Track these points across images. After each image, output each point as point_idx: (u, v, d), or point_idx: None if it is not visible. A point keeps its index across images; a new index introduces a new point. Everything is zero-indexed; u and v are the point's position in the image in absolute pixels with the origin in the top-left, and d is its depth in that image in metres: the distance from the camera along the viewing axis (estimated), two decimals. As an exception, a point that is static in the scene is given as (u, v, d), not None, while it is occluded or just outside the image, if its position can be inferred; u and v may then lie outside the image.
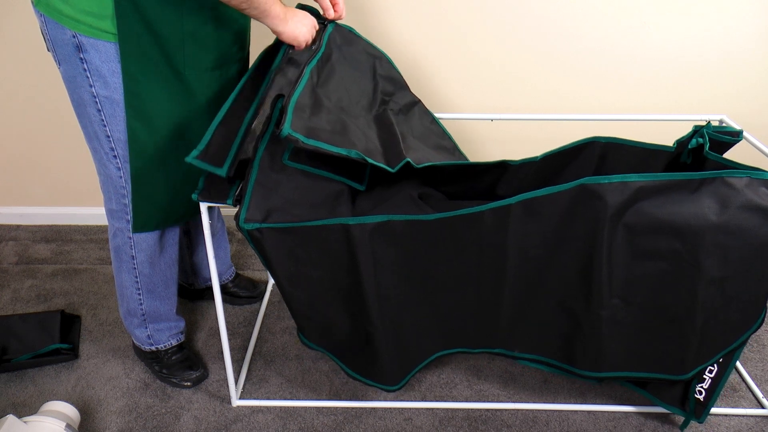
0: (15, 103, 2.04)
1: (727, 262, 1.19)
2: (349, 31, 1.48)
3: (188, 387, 1.57)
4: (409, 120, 1.51)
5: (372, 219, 1.18)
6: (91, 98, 1.23)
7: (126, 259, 1.45)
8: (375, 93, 1.48)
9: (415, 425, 1.47)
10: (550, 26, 1.83)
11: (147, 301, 1.51)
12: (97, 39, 1.17)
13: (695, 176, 1.16)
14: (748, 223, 1.16)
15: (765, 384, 1.57)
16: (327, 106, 1.30)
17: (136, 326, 1.55)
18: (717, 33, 1.82)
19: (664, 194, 1.17)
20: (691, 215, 1.16)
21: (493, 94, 1.95)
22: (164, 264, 1.50)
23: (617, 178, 1.15)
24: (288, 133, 1.13)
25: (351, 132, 1.27)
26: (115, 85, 1.21)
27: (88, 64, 1.19)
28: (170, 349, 1.59)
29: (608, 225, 1.18)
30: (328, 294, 1.30)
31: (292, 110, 1.17)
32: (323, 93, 1.32)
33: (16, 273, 2.00)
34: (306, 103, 1.23)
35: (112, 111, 1.24)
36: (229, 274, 1.85)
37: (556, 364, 1.40)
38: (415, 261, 1.25)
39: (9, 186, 2.22)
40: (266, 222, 1.19)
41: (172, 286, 1.55)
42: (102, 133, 1.27)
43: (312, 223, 1.19)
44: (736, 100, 1.92)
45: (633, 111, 1.95)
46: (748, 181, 1.17)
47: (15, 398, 1.55)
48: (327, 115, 1.27)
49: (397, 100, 1.52)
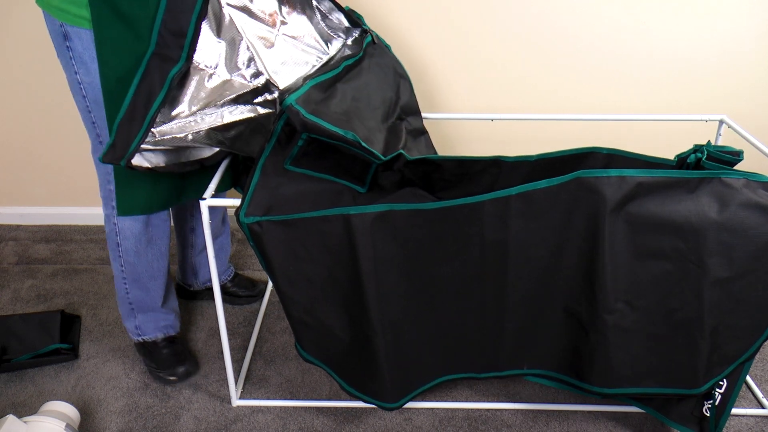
0: (15, 103, 2.05)
1: (730, 262, 1.19)
2: (384, 46, 1.53)
3: (174, 382, 1.57)
4: (417, 144, 1.54)
5: (373, 208, 1.18)
6: (77, 85, 1.29)
7: (113, 246, 1.48)
8: (395, 107, 1.50)
9: (415, 425, 1.47)
10: (550, 26, 1.83)
11: (133, 290, 1.53)
12: (79, 27, 1.22)
13: (693, 174, 1.16)
14: (750, 221, 1.16)
15: (765, 384, 1.57)
16: (340, 99, 1.31)
17: (126, 315, 1.57)
18: (717, 33, 1.82)
19: (663, 192, 1.17)
20: (692, 213, 1.16)
21: (493, 94, 1.95)
22: (151, 255, 1.51)
23: (615, 172, 1.15)
24: (291, 103, 1.13)
25: (355, 124, 1.27)
26: (95, 72, 1.25)
27: (72, 51, 1.25)
28: (159, 342, 1.59)
29: (608, 221, 1.17)
30: (327, 295, 1.29)
31: (307, 88, 1.19)
32: (343, 89, 1.32)
33: (16, 273, 2.00)
34: (320, 91, 1.25)
35: (95, 97, 1.28)
36: (227, 274, 1.85)
37: (565, 379, 1.38)
38: (416, 257, 1.25)
39: (9, 186, 2.22)
40: (267, 215, 1.20)
41: (159, 278, 1.55)
42: (88, 119, 1.32)
43: (312, 214, 1.19)
44: (736, 100, 1.92)
45: (633, 111, 1.95)
46: (746, 182, 1.17)
47: (15, 398, 1.55)
48: (336, 106, 1.27)
49: (410, 121, 1.55)
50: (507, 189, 1.19)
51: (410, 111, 1.56)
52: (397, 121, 1.50)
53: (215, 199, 1.27)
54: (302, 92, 1.21)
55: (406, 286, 1.27)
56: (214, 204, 1.27)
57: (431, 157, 1.27)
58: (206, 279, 1.82)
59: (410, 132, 1.53)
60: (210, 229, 1.29)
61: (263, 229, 1.20)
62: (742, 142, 1.95)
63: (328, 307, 1.30)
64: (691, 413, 1.36)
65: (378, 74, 1.48)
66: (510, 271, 1.26)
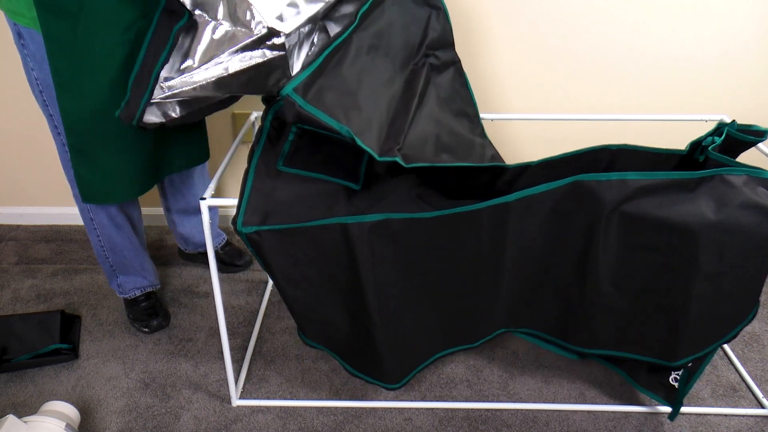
0: (15, 103, 2.04)
1: (723, 259, 1.20)
2: None
3: (146, 333, 1.74)
4: (441, 79, 1.51)
5: (370, 218, 1.18)
6: (34, 81, 1.38)
7: (87, 221, 1.61)
8: (420, 46, 1.48)
9: (415, 425, 1.47)
10: (550, 26, 1.83)
11: (111, 256, 1.67)
12: (30, 29, 1.31)
13: (693, 175, 1.16)
14: (746, 221, 1.16)
15: (765, 384, 1.57)
16: (349, 66, 1.28)
17: (109, 276, 1.73)
18: (717, 33, 1.82)
19: (662, 193, 1.17)
20: (689, 214, 1.16)
21: (495, 94, 1.95)
22: (124, 235, 1.64)
23: (615, 175, 1.15)
24: (287, 94, 1.14)
25: (358, 106, 1.25)
26: (48, 69, 1.34)
27: (27, 50, 1.34)
28: (138, 298, 1.76)
29: (604, 222, 1.18)
30: (327, 294, 1.30)
31: (306, 74, 1.20)
32: (358, 43, 1.31)
33: (16, 273, 2.00)
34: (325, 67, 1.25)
35: (49, 92, 1.38)
36: (219, 241, 1.99)
37: (549, 338, 1.42)
38: (413, 258, 1.26)
39: (9, 186, 2.22)
40: (264, 225, 1.20)
41: (135, 249, 1.68)
42: (46, 112, 1.43)
43: (310, 224, 1.20)
44: (736, 100, 1.92)
45: (633, 111, 1.95)
46: (747, 179, 1.17)
47: (15, 398, 1.55)
48: (341, 84, 1.26)
49: (439, 55, 1.52)
50: (505, 195, 1.19)
51: (440, 44, 1.52)
52: (421, 62, 1.47)
53: (215, 200, 1.27)
54: (300, 80, 1.20)
55: (403, 283, 1.29)
56: (214, 204, 1.27)
57: (427, 166, 1.27)
58: (197, 245, 1.94)
59: (436, 68, 1.51)
60: (210, 228, 1.29)
61: (262, 238, 1.21)
62: (742, 142, 1.95)
63: (328, 304, 1.32)
64: (659, 381, 1.42)
65: (404, 9, 1.44)
66: (506, 261, 1.28)
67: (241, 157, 2.11)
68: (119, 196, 1.51)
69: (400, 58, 1.42)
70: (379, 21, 1.36)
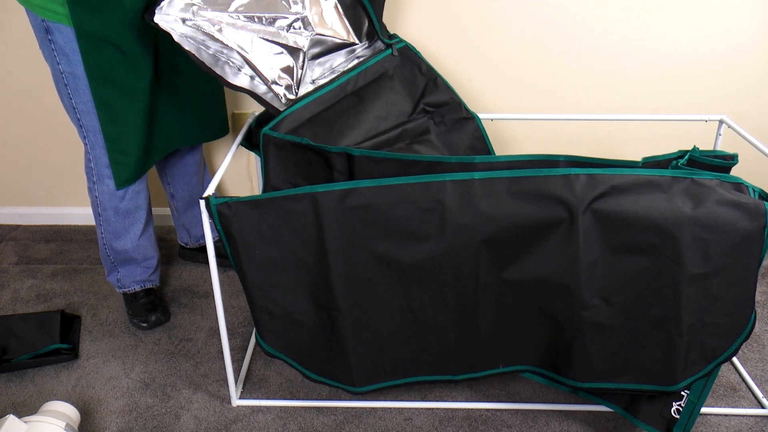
0: (15, 103, 2.05)
1: (707, 257, 1.19)
2: (408, 50, 1.62)
3: (145, 328, 1.74)
4: (453, 133, 1.59)
5: (340, 186, 1.20)
6: (59, 74, 1.44)
7: (95, 214, 1.65)
8: (413, 111, 1.57)
9: (415, 425, 1.47)
10: (549, 26, 1.83)
11: (113, 249, 1.69)
12: (59, 23, 1.36)
13: (666, 173, 1.17)
14: (726, 217, 1.16)
15: (765, 384, 1.57)
16: (327, 119, 1.42)
17: (109, 271, 1.75)
18: (717, 32, 1.82)
19: (636, 191, 1.17)
20: (667, 209, 1.16)
21: (494, 94, 1.96)
22: (128, 223, 1.65)
23: (584, 170, 1.17)
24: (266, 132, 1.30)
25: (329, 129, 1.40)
26: (76, 62, 1.40)
27: (54, 44, 1.40)
28: (138, 293, 1.76)
29: (581, 219, 1.17)
30: (291, 279, 1.29)
31: (281, 117, 1.37)
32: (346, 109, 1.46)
33: (16, 273, 2.00)
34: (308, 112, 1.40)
35: (75, 85, 1.44)
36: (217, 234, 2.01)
37: (542, 372, 1.39)
38: (383, 236, 1.23)
39: (9, 186, 2.22)
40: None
41: (139, 239, 1.70)
42: (69, 104, 1.48)
43: (281, 193, 1.22)
44: (736, 100, 1.92)
45: (633, 111, 1.95)
46: (719, 183, 1.17)
47: (15, 398, 1.55)
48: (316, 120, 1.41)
49: (444, 114, 1.59)
50: (470, 172, 1.19)
51: (441, 104, 1.59)
52: (419, 116, 1.55)
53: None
54: (275, 121, 1.37)
55: (374, 267, 1.27)
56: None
57: (376, 155, 1.29)
58: (198, 235, 1.97)
59: (443, 123, 1.58)
60: (210, 227, 1.29)
61: (232, 211, 1.23)
62: (742, 142, 1.95)
63: (292, 292, 1.31)
64: (660, 414, 1.34)
65: (400, 85, 1.55)
66: (480, 264, 1.25)
67: (241, 157, 2.11)
68: (145, 157, 1.56)
69: (391, 122, 1.51)
70: (377, 99, 1.52)
